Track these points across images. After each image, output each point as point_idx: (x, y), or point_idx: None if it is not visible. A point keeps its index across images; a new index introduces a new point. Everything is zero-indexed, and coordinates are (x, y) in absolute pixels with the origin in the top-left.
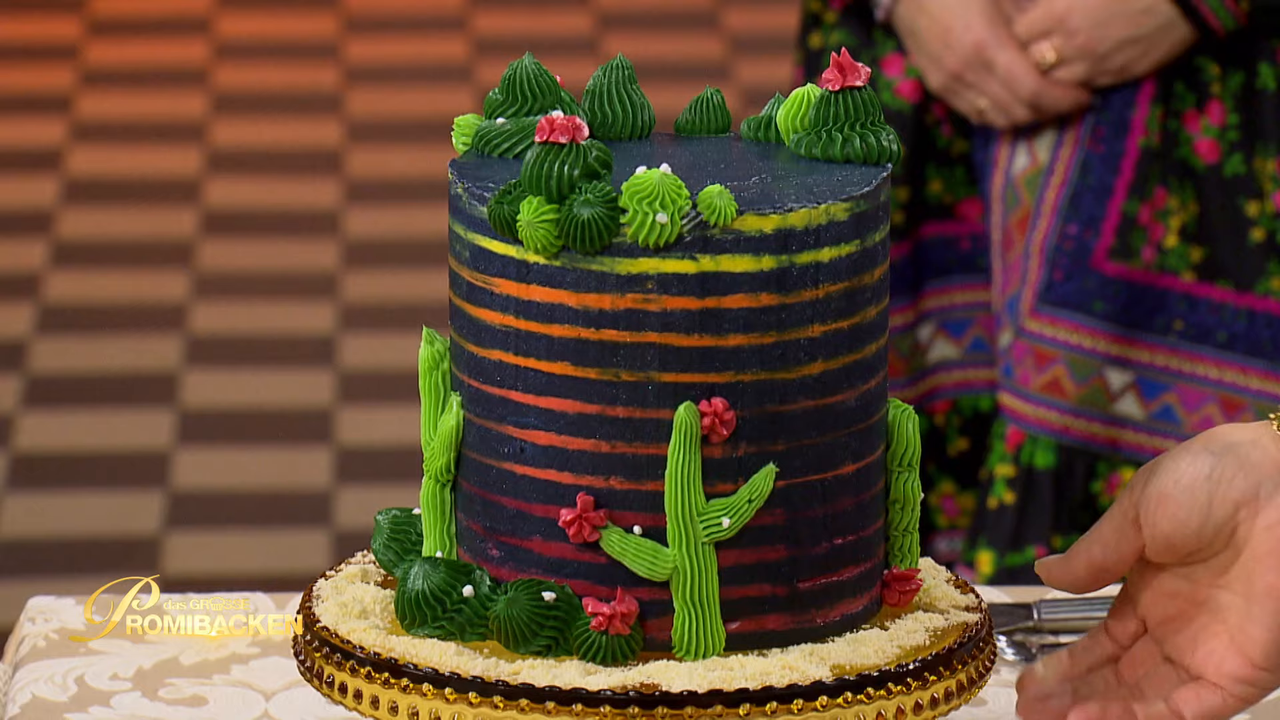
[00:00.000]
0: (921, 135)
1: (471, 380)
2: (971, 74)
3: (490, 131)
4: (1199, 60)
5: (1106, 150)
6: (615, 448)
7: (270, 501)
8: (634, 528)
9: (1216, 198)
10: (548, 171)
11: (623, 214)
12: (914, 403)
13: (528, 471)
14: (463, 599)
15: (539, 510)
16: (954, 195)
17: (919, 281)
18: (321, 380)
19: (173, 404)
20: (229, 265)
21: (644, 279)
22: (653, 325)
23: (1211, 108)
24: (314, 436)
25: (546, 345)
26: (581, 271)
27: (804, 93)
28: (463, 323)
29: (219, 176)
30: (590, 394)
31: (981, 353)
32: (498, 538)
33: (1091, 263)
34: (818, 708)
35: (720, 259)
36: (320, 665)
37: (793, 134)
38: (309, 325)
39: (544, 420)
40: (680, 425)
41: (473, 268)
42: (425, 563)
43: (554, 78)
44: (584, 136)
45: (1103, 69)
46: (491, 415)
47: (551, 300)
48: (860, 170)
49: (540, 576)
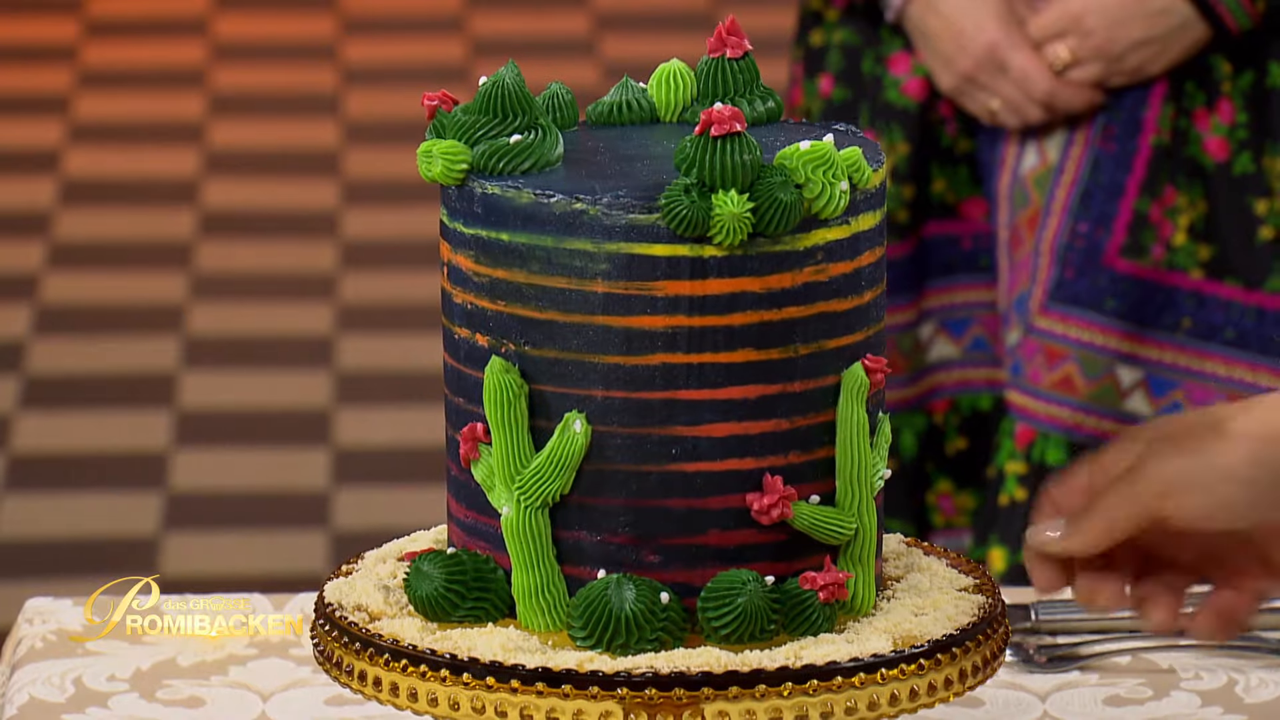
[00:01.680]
0: (927, 134)
1: (612, 392)
2: (985, 75)
3: (499, 149)
4: (1210, 59)
5: (1119, 149)
6: (794, 422)
7: (268, 503)
8: (812, 497)
9: (1225, 196)
10: (735, 163)
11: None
12: (913, 401)
13: (703, 467)
14: (664, 607)
15: (717, 503)
16: (957, 194)
17: (921, 280)
18: (319, 381)
19: (170, 405)
20: (227, 266)
21: (815, 251)
22: (823, 295)
23: (1221, 106)
24: (312, 437)
25: (726, 336)
26: (767, 255)
27: (670, 68)
28: (591, 338)
29: (217, 178)
30: (773, 375)
31: (981, 352)
32: (660, 541)
33: (1103, 260)
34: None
35: (860, 219)
36: (438, 682)
37: (671, 107)
38: (307, 326)
39: (723, 411)
40: (852, 384)
41: (619, 278)
42: (621, 584)
43: (530, 95)
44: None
45: (1118, 69)
46: (649, 421)
47: (732, 290)
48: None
49: (719, 568)
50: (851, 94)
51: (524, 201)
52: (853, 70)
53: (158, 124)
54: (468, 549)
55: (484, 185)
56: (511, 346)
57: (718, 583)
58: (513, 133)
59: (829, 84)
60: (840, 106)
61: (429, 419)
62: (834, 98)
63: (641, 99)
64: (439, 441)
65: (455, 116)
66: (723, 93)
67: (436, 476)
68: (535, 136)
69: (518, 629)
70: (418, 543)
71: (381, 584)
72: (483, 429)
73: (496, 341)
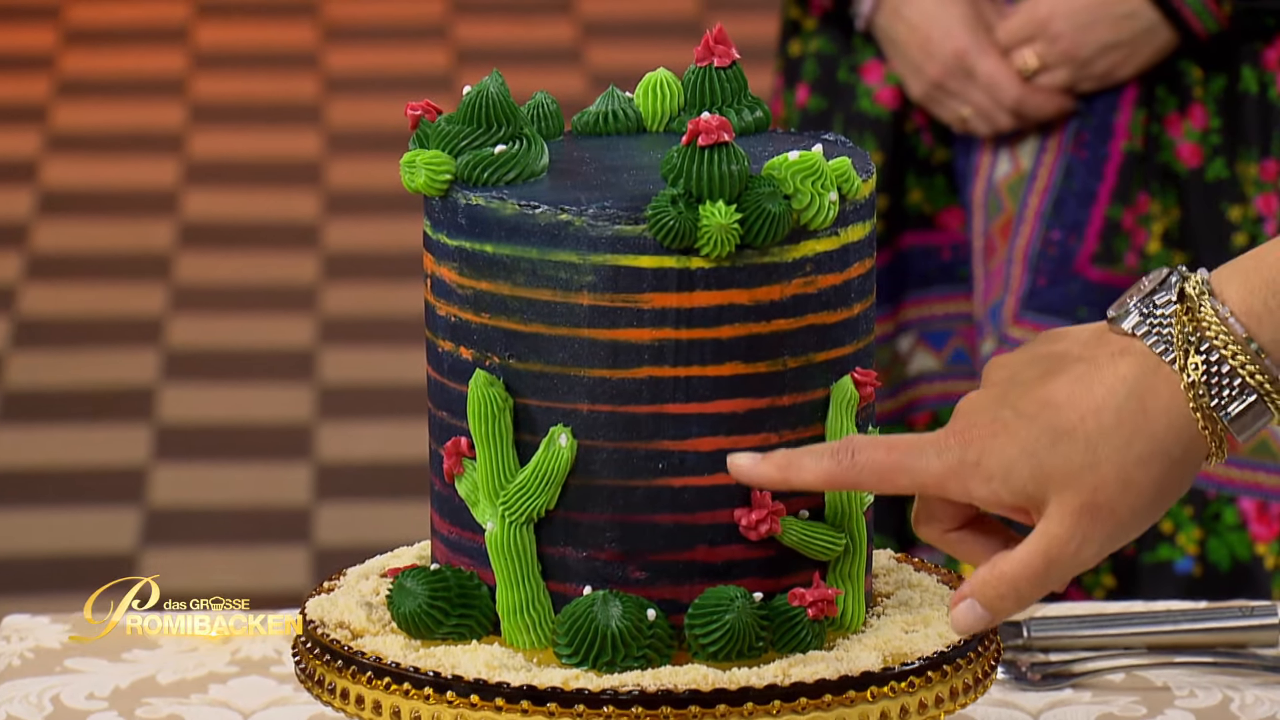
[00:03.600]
0: (901, 143)
1: (598, 406)
2: (953, 82)
3: (484, 160)
4: (1181, 64)
5: (1090, 155)
6: (783, 437)
7: (249, 518)
8: (801, 513)
9: (1199, 202)
10: (723, 173)
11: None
12: (894, 415)
13: (690, 482)
14: (651, 624)
15: (705, 518)
16: (934, 205)
17: (899, 292)
18: (301, 395)
19: (150, 419)
20: (207, 278)
21: (804, 263)
22: (812, 307)
23: (1194, 111)
24: (293, 452)
25: (714, 349)
26: (755, 267)
27: (657, 77)
28: (576, 351)
29: (197, 188)
30: (761, 388)
31: (963, 364)
32: (647, 557)
33: (1075, 268)
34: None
35: (848, 230)
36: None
37: (658, 117)
38: (288, 339)
39: (710, 426)
40: (841, 398)
41: (605, 290)
42: (607, 601)
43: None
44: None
45: (1086, 74)
46: (637, 436)
47: (720, 302)
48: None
49: (706, 584)
50: (826, 103)
51: (508, 213)
52: (828, 79)
53: (137, 133)
54: (451, 565)
55: (468, 196)
56: (496, 360)
57: (705, 599)
58: (497, 143)
59: (805, 94)
60: (815, 116)
61: (412, 433)
62: (809, 107)
63: (627, 108)
64: (422, 456)
65: (439, 126)
66: (710, 102)
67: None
68: (520, 147)
69: (502, 646)
70: (400, 559)
71: (364, 601)
72: (467, 443)
73: (481, 355)
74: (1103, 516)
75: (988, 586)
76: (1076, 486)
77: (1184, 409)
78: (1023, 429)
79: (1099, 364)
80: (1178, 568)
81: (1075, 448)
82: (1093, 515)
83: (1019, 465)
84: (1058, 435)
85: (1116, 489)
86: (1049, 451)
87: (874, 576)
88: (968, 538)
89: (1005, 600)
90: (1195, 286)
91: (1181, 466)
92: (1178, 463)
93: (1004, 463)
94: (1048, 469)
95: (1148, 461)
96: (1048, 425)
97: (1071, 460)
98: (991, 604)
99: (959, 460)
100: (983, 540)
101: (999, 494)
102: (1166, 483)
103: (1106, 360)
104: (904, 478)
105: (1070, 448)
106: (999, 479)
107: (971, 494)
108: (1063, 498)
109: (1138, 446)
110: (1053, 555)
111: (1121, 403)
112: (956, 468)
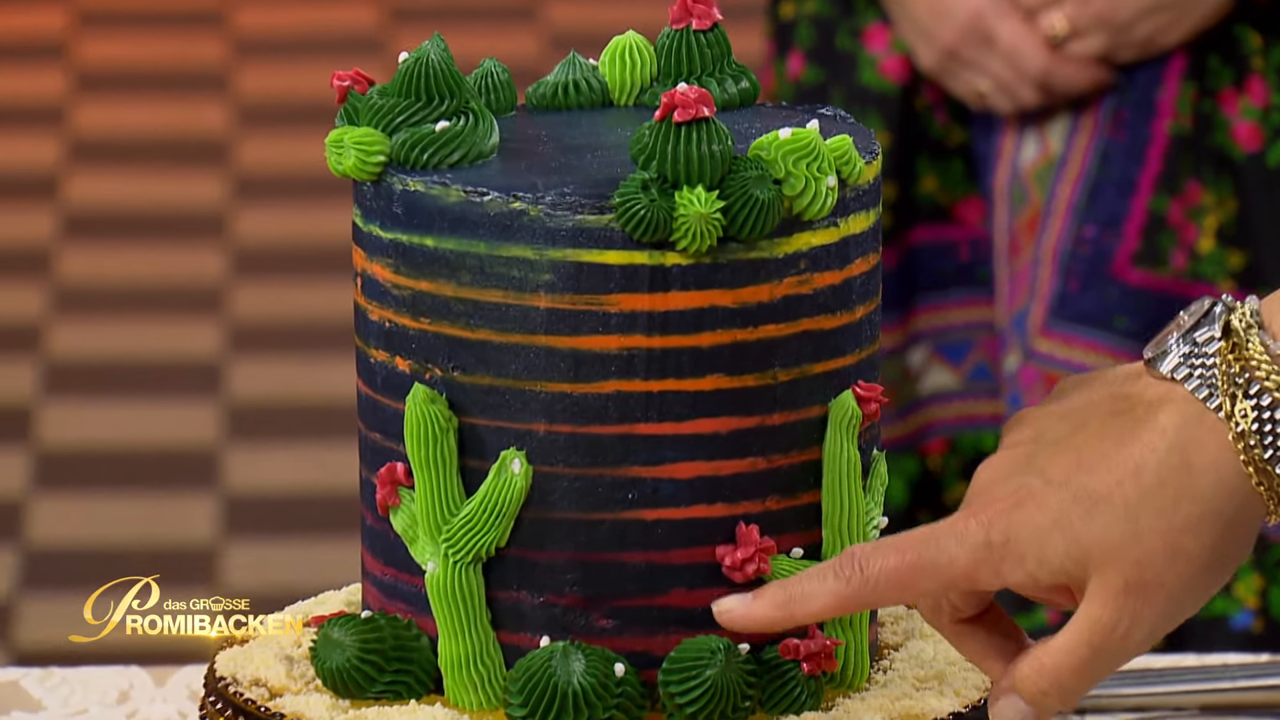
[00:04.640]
0: (911, 123)
1: (557, 426)
2: (969, 50)
3: (423, 138)
4: (1237, 29)
5: (1130, 137)
6: (772, 461)
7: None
8: (794, 550)
9: (1259, 192)
10: (702, 154)
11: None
12: (904, 441)
13: (665, 515)
14: (619, 681)
15: (681, 557)
16: (950, 194)
17: (909, 297)
18: (205, 414)
19: (27, 442)
20: (94, 276)
21: (797, 258)
22: (807, 310)
23: (1252, 85)
24: (196, 481)
25: (692, 359)
26: (740, 263)
27: (626, 41)
28: (532, 362)
29: (82, 169)
30: (747, 405)
31: (984, 381)
32: (613, 603)
33: (1112, 270)
34: None
35: (849, 221)
36: None
37: (626, 88)
38: (190, 348)
39: (688, 449)
40: (841, 417)
41: (563, 291)
42: (567, 653)
43: (459, 74)
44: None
45: (1124, 41)
46: (602, 461)
47: (699, 305)
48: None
49: (684, 634)
50: (823, 75)
51: (452, 200)
52: (825, 46)
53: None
54: (385, 612)
55: (405, 181)
56: (438, 372)
57: (682, 652)
58: (439, 119)
59: (799, 64)
60: (811, 89)
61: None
62: (804, 79)
63: (591, 78)
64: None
65: (370, 99)
66: (688, 71)
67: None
68: (465, 123)
69: (445, 707)
70: (326, 605)
71: (283, 654)
72: (403, 470)
73: (420, 366)
74: (1151, 593)
75: (1028, 681)
76: (1119, 562)
77: (1234, 462)
78: (1052, 497)
79: (1135, 415)
80: (1234, 623)
81: (1114, 516)
82: (1140, 593)
83: (1052, 540)
84: (1093, 503)
85: (1164, 561)
86: (1084, 522)
87: (880, 625)
88: (979, 633)
89: (1048, 696)
90: (1242, 319)
91: (1237, 528)
92: (1231, 524)
93: (1035, 538)
94: (1084, 543)
95: (1197, 526)
96: (1080, 491)
97: (1111, 531)
98: (1035, 700)
99: (983, 543)
100: (997, 641)
101: (1035, 575)
102: (1222, 548)
103: (1144, 410)
104: (927, 580)
105: (1108, 517)
106: (1033, 559)
107: (1005, 579)
108: (1105, 576)
109: (1184, 509)
110: (1097, 643)
111: (1162, 459)
112: (984, 554)
